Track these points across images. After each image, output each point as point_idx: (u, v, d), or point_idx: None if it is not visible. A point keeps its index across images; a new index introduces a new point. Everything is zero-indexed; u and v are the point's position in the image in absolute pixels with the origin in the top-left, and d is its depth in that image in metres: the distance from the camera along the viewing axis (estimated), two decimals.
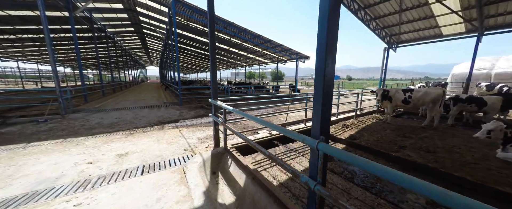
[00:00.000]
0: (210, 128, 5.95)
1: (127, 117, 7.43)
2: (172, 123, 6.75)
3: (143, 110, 8.68)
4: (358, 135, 4.68)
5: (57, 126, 6.16)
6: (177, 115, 8.02)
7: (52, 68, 6.87)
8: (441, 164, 3.17)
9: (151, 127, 6.19)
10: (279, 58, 17.74)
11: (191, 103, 10.87)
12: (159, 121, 6.98)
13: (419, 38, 8.50)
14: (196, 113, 8.59)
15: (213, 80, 3.60)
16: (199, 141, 4.57)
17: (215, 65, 3.55)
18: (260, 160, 3.54)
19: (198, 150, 3.88)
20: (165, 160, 3.36)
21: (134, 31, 18.03)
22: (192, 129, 5.95)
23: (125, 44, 23.21)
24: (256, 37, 12.24)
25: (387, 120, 5.86)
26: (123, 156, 3.62)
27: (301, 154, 3.93)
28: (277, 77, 21.24)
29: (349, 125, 5.62)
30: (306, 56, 14.86)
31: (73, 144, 4.63)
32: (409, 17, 7.32)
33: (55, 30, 13.47)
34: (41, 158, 3.65)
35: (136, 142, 4.61)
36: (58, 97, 7.04)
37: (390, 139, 4.37)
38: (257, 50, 16.68)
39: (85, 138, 5.07)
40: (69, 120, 6.83)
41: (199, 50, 21.75)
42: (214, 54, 3.49)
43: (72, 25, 9.18)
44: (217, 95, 3.73)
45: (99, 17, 13.02)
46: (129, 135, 5.25)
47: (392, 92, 5.58)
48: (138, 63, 41.39)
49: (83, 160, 3.45)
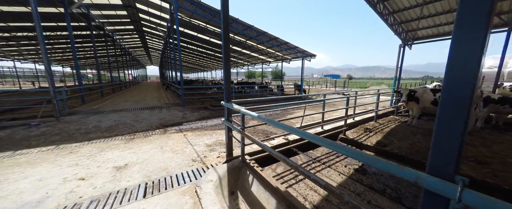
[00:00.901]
0: (217, 132, 5.42)
1: (126, 119, 6.90)
2: (175, 126, 6.23)
3: (143, 112, 8.16)
4: (386, 141, 4.16)
5: (50, 130, 5.64)
6: (180, 117, 7.50)
7: (45, 68, 6.33)
8: (502, 179, 2.64)
9: (153, 131, 5.67)
10: (283, 56, 17.18)
11: (193, 104, 10.34)
12: (161, 124, 6.45)
13: (438, 34, 7.95)
14: (200, 115, 8.07)
15: (226, 80, 3.07)
16: (208, 149, 4.04)
17: (228, 64, 3.02)
18: (282, 173, 3.02)
19: (209, 161, 3.35)
20: (171, 175, 2.83)
21: (133, 29, 17.47)
22: (197, 133, 5.42)
23: (125, 43, 22.65)
24: (262, 34, 11.69)
25: (413, 123, 5.33)
26: (121, 169, 3.09)
27: (326, 164, 3.40)
28: (281, 77, 20.64)
29: (371, 129, 5.10)
30: (312, 54, 14.31)
31: (66, 152, 4.11)
32: (432, 11, 6.78)
33: (51, 28, 12.92)
34: (26, 171, 3.12)
35: (137, 149, 4.09)
36: (52, 98, 6.51)
37: (425, 146, 3.85)
38: (261, 48, 16.12)
39: (80, 144, 4.55)
40: (64, 123, 6.31)
41: (200, 49, 21.19)
42: (228, 52, 2.96)
43: (68, 22, 8.63)
44: (231, 96, 3.20)
45: (97, 14, 12.46)
46: (129, 141, 4.73)
47: (420, 92, 5.04)
48: (138, 63, 40.83)
49: (75, 174, 2.93)
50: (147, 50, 30.61)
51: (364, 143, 4.06)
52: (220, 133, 5.39)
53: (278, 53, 16.58)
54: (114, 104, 9.62)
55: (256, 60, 21.38)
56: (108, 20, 13.90)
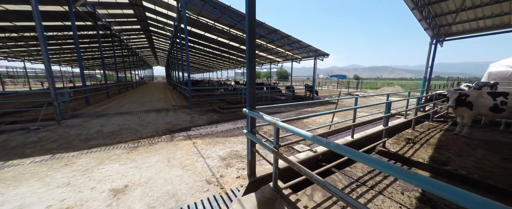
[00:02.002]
0: (230, 140, 4.78)
1: (131, 123, 6.39)
2: (183, 132, 5.64)
3: (149, 115, 7.64)
4: (441, 157, 3.39)
5: (49, 135, 5.17)
6: (188, 121, 6.93)
7: (46, 67, 5.90)
8: None
9: (159, 137, 5.11)
10: (293, 56, 16.41)
11: (201, 106, 9.78)
12: (168, 129, 5.89)
13: (477, 28, 7.01)
14: (209, 118, 7.48)
15: (250, 82, 2.42)
16: (224, 164, 3.40)
17: (253, 64, 2.38)
18: (324, 203, 2.32)
19: (228, 184, 2.69)
20: (182, 206, 2.19)
21: (140, 29, 17.19)
22: (208, 140, 4.80)
23: (132, 43, 22.52)
24: (273, 32, 11.01)
25: (463, 133, 4.47)
26: (119, 193, 2.49)
27: (375, 188, 2.68)
28: (290, 77, 19.78)
29: (412, 138, 4.31)
30: (325, 54, 13.49)
31: (60, 163, 3.57)
32: (476, 2, 5.87)
33: (57, 27, 12.71)
34: (8, 193, 2.58)
35: (140, 162, 3.50)
36: (53, 100, 6.07)
37: (497, 164, 3.06)
38: (270, 47, 15.43)
39: (78, 153, 4.02)
40: (64, 127, 5.84)
41: (207, 49, 20.73)
42: (253, 50, 2.34)
43: (72, 20, 8.26)
44: (255, 103, 2.54)
45: (103, 13, 12.15)
46: (132, 150, 4.17)
47: (474, 96, 4.20)
48: (145, 63, 41.02)
49: (62, 201, 2.34)
50: (153, 51, 30.55)
51: (413, 159, 3.30)
52: (233, 141, 4.76)
53: (288, 52, 15.84)
54: (119, 106, 9.18)
55: (264, 60, 20.69)
56: (115, 19, 13.60)
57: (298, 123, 6.88)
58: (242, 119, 7.46)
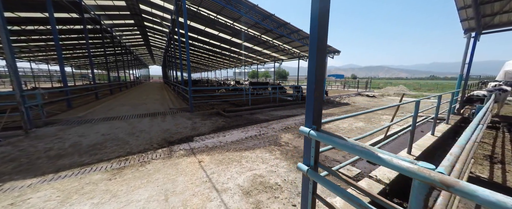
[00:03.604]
0: (247, 157, 3.66)
1: (119, 132, 5.20)
2: (184, 143, 4.51)
3: (142, 120, 6.44)
4: None
5: (8, 151, 3.95)
6: (189, 128, 5.78)
7: (8, 62, 4.65)
8: None
9: (154, 152, 3.96)
10: (301, 53, 15.34)
11: (202, 108, 8.62)
12: (165, 139, 4.74)
13: None
14: (214, 124, 6.34)
15: (316, 85, 1.29)
16: (251, 206, 2.27)
17: (324, 58, 1.24)
18: None
19: None
20: None
21: (134, 24, 15.86)
22: (218, 157, 3.67)
23: (125, 40, 21.11)
24: (282, 26, 9.89)
25: None
26: None
27: None
28: (297, 77, 18.67)
29: (492, 156, 3.25)
30: (336, 51, 12.45)
31: (4, 202, 2.41)
32: None
33: (38, 20, 11.32)
34: None
35: (124, 199, 2.36)
36: (19, 104, 4.83)
37: None
38: (276, 44, 14.30)
39: (39, 181, 2.86)
40: (32, 139, 4.62)
41: (207, 46, 19.50)
42: (324, 43, 1.19)
43: (50, 10, 7.00)
44: (321, 117, 1.42)
45: (91, 4, 10.84)
46: (115, 174, 3.02)
47: None
48: (140, 62, 39.42)
49: None
50: (149, 49, 29.09)
51: None
52: (250, 158, 3.64)
53: (295, 49, 14.76)
54: (108, 109, 7.94)
55: (268, 57, 19.55)
56: (105, 12, 12.27)
57: None
58: (253, 125, 6.36)
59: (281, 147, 4.36)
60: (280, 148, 4.27)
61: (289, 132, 5.51)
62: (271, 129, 5.82)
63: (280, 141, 4.80)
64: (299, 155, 3.88)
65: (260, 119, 7.27)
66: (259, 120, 7.14)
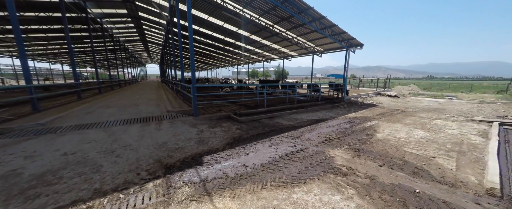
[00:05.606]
0: (305, 205, 1.99)
1: (91, 148, 3.50)
2: (190, 170, 2.87)
3: (130, 128, 4.73)
4: None
5: None
6: (194, 141, 4.11)
7: None
8: None
9: (140, 188, 2.31)
10: (315, 48, 13.68)
11: (207, 110, 6.95)
12: (160, 162, 3.08)
13: None
14: (227, 133, 4.69)
15: None
16: None
17: None
18: None
19: None
20: None
21: (127, 14, 14.04)
22: (253, 203, 2.00)
23: (119, 34, 19.22)
24: (303, 12, 8.21)
25: None
26: None
27: None
28: (311, 75, 16.99)
29: None
30: (359, 44, 10.84)
31: None
32: None
33: None
34: None
35: None
36: None
37: None
38: (289, 36, 12.56)
39: None
40: None
41: (209, 41, 17.73)
42: None
43: None
44: None
45: None
46: None
47: None
48: (137, 60, 37.38)
49: None
50: (145, 44, 27.16)
51: None
52: (309, 204, 1.99)
53: (309, 43, 13.09)
54: (87, 112, 6.18)
55: (277, 53, 17.80)
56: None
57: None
58: (278, 134, 4.74)
59: (346, 177, 2.71)
60: (346, 180, 2.64)
61: (337, 148, 3.87)
62: (309, 142, 4.18)
63: (336, 163, 3.16)
64: (389, 196, 2.22)
65: (284, 125, 5.63)
66: (283, 126, 5.50)
